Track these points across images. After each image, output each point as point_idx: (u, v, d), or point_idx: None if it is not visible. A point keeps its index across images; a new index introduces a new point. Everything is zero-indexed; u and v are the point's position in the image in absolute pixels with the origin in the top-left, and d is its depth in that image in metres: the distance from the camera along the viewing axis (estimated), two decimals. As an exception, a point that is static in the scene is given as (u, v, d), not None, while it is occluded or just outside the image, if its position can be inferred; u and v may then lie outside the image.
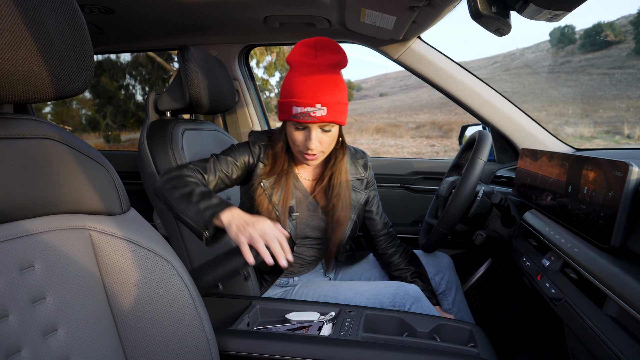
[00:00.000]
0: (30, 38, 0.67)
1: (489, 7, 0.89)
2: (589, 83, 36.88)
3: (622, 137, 23.90)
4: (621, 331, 0.67)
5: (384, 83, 57.68)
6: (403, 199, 2.18)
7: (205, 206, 1.12)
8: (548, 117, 30.72)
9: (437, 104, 37.08)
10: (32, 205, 0.75)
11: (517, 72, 43.68)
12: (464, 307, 1.58)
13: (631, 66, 36.10)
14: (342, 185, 1.40)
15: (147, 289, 0.87)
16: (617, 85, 35.02)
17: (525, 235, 1.25)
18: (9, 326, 0.67)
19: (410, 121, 33.71)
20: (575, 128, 27.24)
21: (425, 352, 0.98)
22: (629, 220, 0.76)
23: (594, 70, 37.62)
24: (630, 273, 0.70)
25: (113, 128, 20.42)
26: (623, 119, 28.27)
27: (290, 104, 1.23)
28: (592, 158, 0.89)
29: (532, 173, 1.24)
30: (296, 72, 1.25)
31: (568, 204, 0.97)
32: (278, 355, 1.00)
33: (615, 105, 31.80)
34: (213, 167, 1.30)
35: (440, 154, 21.61)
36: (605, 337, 0.69)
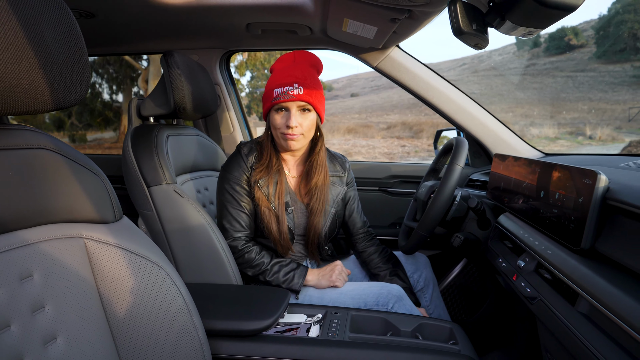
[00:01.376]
0: (31, 51, 0.68)
1: (470, 24, 0.95)
2: (553, 85, 37.97)
3: (584, 138, 24.73)
4: (592, 327, 0.73)
5: (355, 83, 57.98)
6: (381, 202, 2.24)
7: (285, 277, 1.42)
8: (514, 118, 31.51)
9: (407, 104, 37.52)
10: (29, 215, 0.75)
11: (485, 74, 44.59)
12: (440, 304, 1.65)
13: (593, 69, 37.34)
14: (320, 178, 1.50)
15: (141, 296, 0.88)
16: (579, 87, 36.17)
17: (500, 238, 1.32)
18: (11, 336, 0.68)
19: (381, 121, 34.02)
20: (540, 129, 28.02)
21: (410, 350, 1.03)
22: (597, 225, 0.83)
23: (558, 73, 38.75)
24: (599, 273, 0.76)
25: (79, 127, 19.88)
26: (585, 121, 29.25)
27: (271, 88, 1.39)
28: (563, 165, 0.95)
29: (506, 177, 1.31)
30: (276, 71, 1.43)
31: (540, 207, 1.04)
32: (270, 357, 1.03)
33: (578, 107, 32.85)
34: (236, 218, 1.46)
35: (411, 154, 21.89)
36: (578, 333, 0.75)
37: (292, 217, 1.49)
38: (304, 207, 1.52)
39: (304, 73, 1.40)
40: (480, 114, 1.85)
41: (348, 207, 1.64)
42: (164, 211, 1.38)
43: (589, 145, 23.03)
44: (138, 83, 17.15)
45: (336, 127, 32.80)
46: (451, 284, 1.98)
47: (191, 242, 1.36)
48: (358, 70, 70.33)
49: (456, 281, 1.98)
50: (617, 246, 0.78)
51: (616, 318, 0.66)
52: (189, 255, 1.38)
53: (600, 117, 30.00)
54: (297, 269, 1.43)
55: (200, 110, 1.59)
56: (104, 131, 20.12)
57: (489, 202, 1.47)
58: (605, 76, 36.15)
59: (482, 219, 1.41)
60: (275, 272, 1.41)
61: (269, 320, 1.07)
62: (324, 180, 1.51)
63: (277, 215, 1.44)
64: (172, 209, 1.37)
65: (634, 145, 17.16)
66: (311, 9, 1.50)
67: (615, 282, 0.72)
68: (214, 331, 1.04)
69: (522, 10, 0.94)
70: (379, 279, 1.57)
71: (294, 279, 1.40)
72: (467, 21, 0.95)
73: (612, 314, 0.67)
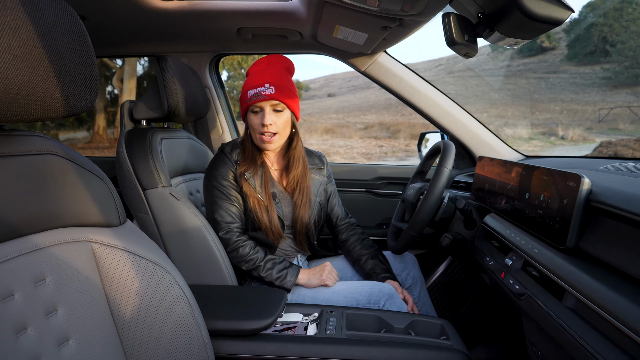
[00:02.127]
0: (46, 60, 0.70)
1: (462, 35, 1.00)
2: (526, 86, 38.76)
3: (557, 139, 25.36)
4: (579, 320, 0.79)
5: (332, 83, 58.10)
6: (368, 203, 2.29)
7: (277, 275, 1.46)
8: (489, 118, 32.06)
9: (384, 104, 37.81)
10: (40, 219, 0.77)
11: (460, 75, 45.20)
12: (428, 302, 1.71)
13: (564, 71, 38.24)
14: (299, 170, 1.60)
15: (147, 298, 0.91)
16: (551, 89, 37.01)
17: (487, 237, 1.37)
18: (29, 339, 0.70)
19: (359, 122, 34.21)
20: (514, 129, 28.60)
21: (405, 346, 1.07)
22: (581, 225, 0.88)
23: (531, 74, 39.56)
24: (584, 270, 0.82)
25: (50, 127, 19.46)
26: (557, 121, 29.97)
27: (246, 90, 1.48)
28: (548, 169, 1.01)
29: (490, 179, 1.37)
30: (251, 74, 1.52)
31: (525, 208, 1.09)
32: (271, 355, 1.06)
33: (550, 107, 33.62)
34: (227, 211, 1.49)
35: (389, 154, 22.08)
36: (566, 326, 0.80)
37: (280, 206, 1.56)
38: (290, 198, 1.60)
39: (276, 74, 1.49)
40: (464, 117, 1.91)
41: (330, 201, 1.74)
42: (160, 214, 1.40)
43: (562, 146, 23.62)
44: (113, 82, 16.89)
45: (314, 127, 32.86)
46: (436, 282, 2.04)
47: (187, 244, 1.39)
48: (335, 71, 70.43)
49: (441, 279, 2.04)
50: (600, 245, 0.83)
51: (602, 311, 0.71)
52: (185, 257, 1.40)
53: (571, 117, 30.78)
54: (290, 267, 1.47)
55: (192, 113, 1.61)
56: (76, 131, 19.70)
57: (474, 203, 1.52)
58: (576, 78, 37.07)
59: (468, 219, 1.47)
60: (269, 268, 1.45)
61: (269, 320, 1.10)
62: (304, 172, 1.60)
63: (265, 205, 1.50)
64: (168, 212, 1.39)
65: (604, 145, 17.68)
66: (303, 15, 1.54)
67: (600, 278, 0.77)
68: (216, 331, 1.07)
69: (511, 22, 1.00)
70: (360, 263, 1.65)
71: (286, 277, 1.44)
72: (460, 32, 1.00)
73: (598, 307, 0.73)
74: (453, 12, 1.01)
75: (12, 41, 0.64)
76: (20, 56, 0.66)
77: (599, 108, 30.57)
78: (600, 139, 21.82)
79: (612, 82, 34.54)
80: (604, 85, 34.78)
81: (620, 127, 26.27)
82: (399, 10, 1.14)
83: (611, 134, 23.67)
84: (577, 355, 0.77)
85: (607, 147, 17.44)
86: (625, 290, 0.71)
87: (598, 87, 34.91)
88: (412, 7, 1.10)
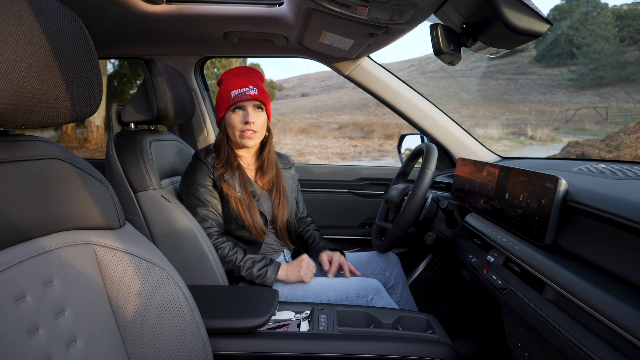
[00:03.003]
0: (56, 68, 0.73)
1: (448, 45, 1.06)
2: (497, 87, 39.59)
3: (526, 138, 26.00)
4: (559, 311, 0.85)
5: (306, 83, 58.11)
6: (351, 204, 2.34)
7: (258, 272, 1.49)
8: (461, 118, 32.57)
9: (357, 105, 38.04)
10: (45, 223, 0.79)
11: (432, 76, 45.82)
12: (410, 300, 1.77)
13: (533, 72, 39.22)
14: (273, 173, 1.69)
15: (148, 298, 0.93)
16: (520, 89, 37.90)
17: (468, 235, 1.44)
18: (40, 339, 0.72)
19: (332, 122, 34.33)
20: (485, 129, 29.19)
21: (395, 340, 1.13)
22: (559, 223, 0.95)
23: (501, 75, 40.42)
24: (562, 265, 0.89)
25: (17, 127, 18.83)
26: (526, 122, 30.72)
27: (228, 89, 1.57)
28: (527, 171, 1.08)
29: (470, 180, 1.44)
30: (229, 79, 1.61)
31: (505, 208, 1.16)
32: (267, 352, 1.10)
33: (520, 108, 34.43)
34: (204, 216, 1.54)
35: (363, 154, 22.24)
36: (547, 317, 0.87)
37: (261, 203, 1.63)
38: (268, 195, 1.68)
39: (255, 81, 1.61)
40: (443, 120, 1.99)
41: (296, 197, 1.85)
42: (151, 216, 1.41)
43: (531, 146, 24.23)
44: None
45: (288, 127, 32.82)
46: (417, 279, 2.11)
47: (179, 245, 1.41)
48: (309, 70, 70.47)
49: (422, 277, 2.11)
50: (577, 241, 0.90)
51: (580, 302, 0.78)
52: (177, 258, 1.42)
53: (540, 118, 31.61)
54: (269, 264, 1.51)
55: (180, 116, 1.62)
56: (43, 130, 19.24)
57: (454, 203, 1.59)
58: (544, 79, 38.07)
59: (450, 218, 1.54)
60: (249, 267, 1.49)
61: (264, 318, 1.14)
62: (277, 174, 1.71)
63: (247, 203, 1.57)
64: (160, 214, 1.41)
65: (572, 145, 18.23)
66: (291, 21, 1.58)
67: (577, 273, 0.84)
68: (213, 329, 1.10)
69: (493, 33, 1.06)
70: (313, 245, 1.76)
71: (266, 274, 1.48)
72: (446, 42, 1.06)
73: (576, 299, 0.79)
74: (440, 24, 1.07)
75: (27, 50, 0.67)
76: (34, 64, 0.68)
77: (566, 109, 31.48)
78: (568, 139, 22.47)
79: (578, 84, 35.61)
80: (571, 86, 35.83)
81: (586, 127, 27.11)
82: (387, 19, 1.19)
83: (578, 134, 24.41)
84: (557, 343, 0.83)
85: (574, 147, 17.98)
86: (601, 283, 0.77)
87: (565, 88, 35.94)
88: (399, 17, 1.15)
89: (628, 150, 14.67)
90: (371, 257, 1.79)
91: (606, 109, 29.40)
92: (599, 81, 34.23)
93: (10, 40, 0.63)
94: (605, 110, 29.26)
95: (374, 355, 1.09)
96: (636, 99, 29.72)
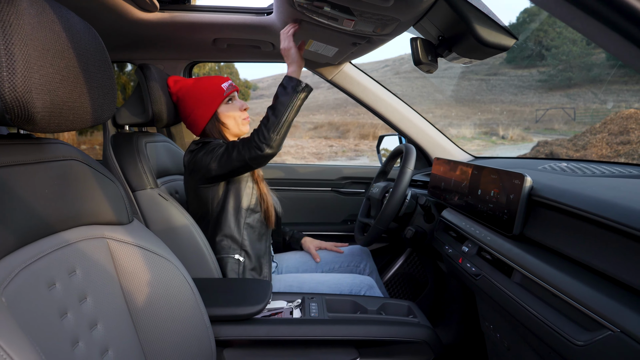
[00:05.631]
0: (82, 79, 0.81)
1: (427, 56, 1.18)
2: (469, 88, 40.23)
3: (497, 138, 26.54)
4: (526, 292, 0.97)
5: (281, 82, 57.77)
6: (333, 201, 2.45)
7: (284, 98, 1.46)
8: (434, 118, 33.01)
9: (332, 104, 38.14)
10: (67, 218, 0.88)
11: (406, 76, 46.24)
12: (382, 287, 1.89)
13: (504, 73, 39.98)
14: None
15: (156, 288, 1.02)
16: (492, 90, 38.60)
17: (445, 229, 1.56)
18: (69, 322, 0.81)
19: (308, 122, 34.34)
20: (458, 129, 29.64)
21: (380, 323, 1.24)
22: (525, 215, 1.07)
23: (473, 76, 41.06)
24: (528, 252, 1.00)
25: (-14, 126, 18.36)
26: (498, 122, 31.32)
27: (218, 84, 1.63)
28: (496, 169, 1.20)
29: (446, 178, 1.56)
30: (207, 77, 1.67)
31: (478, 203, 1.28)
32: (264, 337, 1.20)
33: (491, 108, 35.08)
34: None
35: (339, 154, 22.36)
36: (516, 297, 0.98)
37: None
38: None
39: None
40: (420, 122, 2.11)
41: None
42: (149, 214, 1.49)
43: (502, 145, 24.75)
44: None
45: (264, 127, 32.55)
46: (396, 272, 2.23)
47: (176, 241, 1.48)
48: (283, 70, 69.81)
49: (400, 270, 2.23)
50: (541, 231, 1.02)
51: (544, 283, 0.90)
52: (174, 253, 1.50)
53: (511, 118, 32.26)
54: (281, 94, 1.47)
55: (173, 118, 1.70)
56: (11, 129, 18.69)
57: (431, 199, 1.71)
58: (515, 80, 38.85)
59: (428, 214, 1.66)
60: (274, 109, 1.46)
61: (261, 305, 1.23)
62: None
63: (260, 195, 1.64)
64: (157, 212, 1.49)
65: (541, 145, 18.71)
66: (279, 29, 1.67)
67: (541, 258, 0.95)
68: (214, 317, 1.18)
69: (466, 45, 1.18)
70: (291, 236, 1.94)
71: (294, 90, 1.44)
72: (425, 53, 1.17)
73: (541, 280, 0.91)
74: (420, 37, 1.19)
75: (60, 64, 0.75)
76: (66, 77, 0.76)
77: (536, 109, 32.18)
78: (538, 138, 22.99)
79: (548, 85, 36.48)
80: (540, 87, 36.68)
81: (556, 127, 27.81)
82: (371, 31, 1.30)
83: (547, 134, 25.01)
84: (525, 320, 0.94)
85: (544, 146, 18.47)
86: (562, 266, 0.89)
87: (535, 89, 36.77)
88: (382, 30, 1.26)
89: (594, 150, 15.18)
90: (352, 250, 1.92)
91: (574, 110, 30.22)
92: (568, 82, 35.13)
93: (47, 55, 0.71)
94: (573, 110, 30.07)
95: (363, 337, 1.20)
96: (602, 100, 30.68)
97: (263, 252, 1.61)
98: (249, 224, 1.59)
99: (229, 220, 1.56)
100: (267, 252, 1.62)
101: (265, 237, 1.65)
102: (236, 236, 1.56)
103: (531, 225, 1.06)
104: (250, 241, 1.57)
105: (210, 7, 1.73)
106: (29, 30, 0.68)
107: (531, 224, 1.06)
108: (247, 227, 1.59)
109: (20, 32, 0.66)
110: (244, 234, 1.57)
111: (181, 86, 1.66)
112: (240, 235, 1.56)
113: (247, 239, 1.57)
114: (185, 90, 1.65)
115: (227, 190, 1.57)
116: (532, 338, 0.96)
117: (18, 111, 0.67)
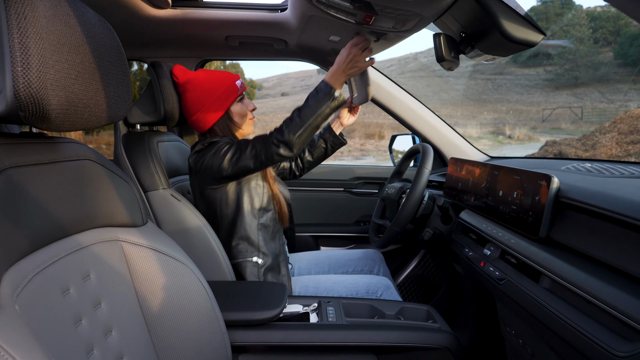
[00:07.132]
0: (98, 75, 0.78)
1: (450, 52, 1.14)
2: (475, 87, 40.12)
3: (504, 138, 26.42)
4: (556, 298, 0.93)
5: (285, 82, 57.97)
6: (346, 202, 2.42)
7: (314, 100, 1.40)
8: (440, 118, 32.91)
9: (338, 104, 38.08)
10: (81, 220, 0.85)
11: (411, 76, 46.20)
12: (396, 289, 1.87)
13: (510, 73, 39.86)
14: None
15: (171, 292, 0.99)
16: (498, 89, 38.49)
17: (463, 231, 1.52)
18: (84, 329, 0.78)
19: (313, 121, 34.31)
20: (463, 129, 29.55)
21: (400, 329, 1.20)
22: (552, 217, 1.04)
23: (479, 75, 40.97)
24: (556, 256, 0.97)
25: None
26: (504, 121, 31.21)
27: (232, 82, 1.56)
28: (520, 169, 1.16)
29: (463, 179, 1.52)
30: (212, 72, 1.59)
31: (499, 205, 1.24)
32: (281, 342, 1.16)
33: (497, 107, 34.96)
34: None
35: (345, 153, 22.31)
36: (544, 303, 0.95)
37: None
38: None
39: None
40: (434, 121, 2.07)
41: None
42: (162, 214, 1.46)
43: (509, 145, 24.62)
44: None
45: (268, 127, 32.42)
46: (410, 274, 2.19)
47: (188, 242, 1.45)
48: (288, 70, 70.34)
49: (414, 272, 2.19)
50: (568, 234, 0.98)
51: (574, 288, 0.86)
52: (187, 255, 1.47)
53: (517, 117, 32.14)
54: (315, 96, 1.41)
55: (184, 117, 1.67)
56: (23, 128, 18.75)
57: (448, 201, 1.67)
58: (521, 79, 38.73)
59: (445, 215, 1.62)
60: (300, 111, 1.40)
61: (277, 310, 1.20)
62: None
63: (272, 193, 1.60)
64: (170, 212, 1.45)
65: (549, 144, 18.58)
66: (293, 26, 1.64)
67: (570, 262, 0.92)
68: (229, 321, 1.15)
69: (490, 41, 1.14)
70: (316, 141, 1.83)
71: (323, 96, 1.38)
72: (448, 50, 1.13)
73: (571, 285, 0.87)
74: (443, 33, 1.15)
75: (75, 59, 0.72)
76: (81, 72, 0.73)
77: (542, 108, 32.07)
78: (545, 138, 22.86)
79: (554, 84, 36.36)
80: (547, 86, 36.55)
81: (562, 126, 27.68)
82: (391, 27, 1.26)
83: (554, 133, 24.88)
84: (554, 326, 0.91)
85: (552, 146, 18.35)
86: (593, 270, 0.85)
87: (541, 88, 36.64)
88: (402, 25, 1.22)
89: (604, 149, 15.07)
90: (366, 254, 1.89)
91: (581, 109, 30.09)
92: (574, 81, 34.99)
93: (63, 50, 0.68)
94: (581, 109, 29.94)
95: (382, 344, 1.17)
96: (610, 99, 30.50)
97: (279, 250, 1.58)
98: (263, 223, 1.55)
99: (244, 222, 1.51)
100: (282, 251, 1.59)
101: (279, 235, 1.61)
102: (252, 237, 1.52)
103: (557, 227, 1.02)
104: (265, 241, 1.54)
105: (223, 4, 1.70)
106: (45, 23, 0.64)
107: (557, 227, 1.02)
108: (261, 227, 1.55)
109: (35, 25, 0.63)
110: (258, 234, 1.53)
111: (191, 78, 1.56)
112: (256, 236, 1.53)
113: (262, 239, 1.53)
114: (197, 82, 1.56)
115: (240, 191, 1.51)
116: (561, 346, 0.92)
117: (33, 108, 0.64)
